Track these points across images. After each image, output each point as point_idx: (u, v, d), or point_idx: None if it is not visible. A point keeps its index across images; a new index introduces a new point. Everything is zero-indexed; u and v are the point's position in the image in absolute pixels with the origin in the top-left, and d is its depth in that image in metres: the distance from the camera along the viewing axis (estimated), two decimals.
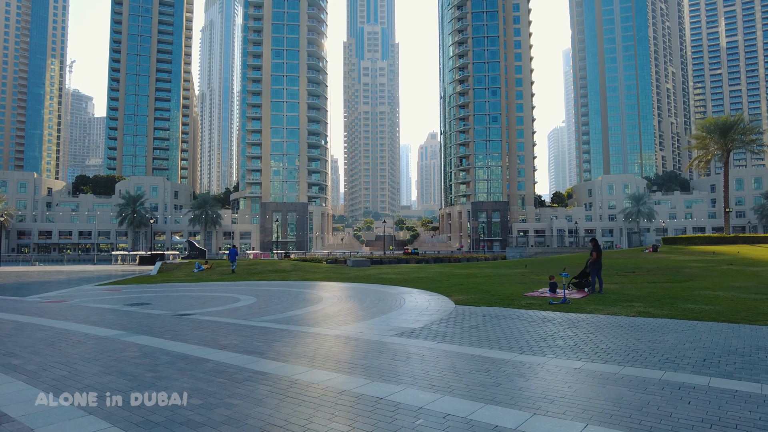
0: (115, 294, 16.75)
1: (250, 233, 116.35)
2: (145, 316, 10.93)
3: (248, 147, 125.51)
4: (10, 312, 11.70)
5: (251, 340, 8.02)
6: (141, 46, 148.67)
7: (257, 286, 19.76)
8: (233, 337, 8.33)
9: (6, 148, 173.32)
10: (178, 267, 31.80)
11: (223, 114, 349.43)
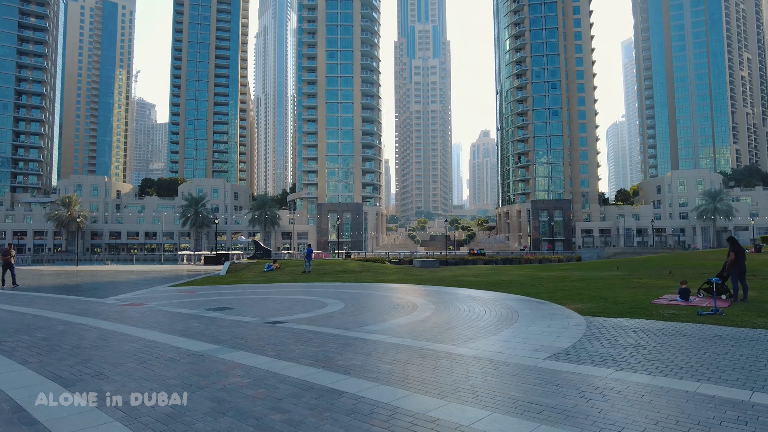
0: (192, 296, 15.88)
1: (307, 233, 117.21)
2: (234, 324, 9.70)
3: (304, 149, 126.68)
4: (92, 316, 10.84)
5: (373, 360, 6.51)
6: (200, 53, 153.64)
7: (334, 288, 18.48)
8: (348, 355, 6.86)
9: (81, 154, 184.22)
10: (247, 267, 31.27)
11: (278, 117, 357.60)
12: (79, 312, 11.61)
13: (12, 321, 10.00)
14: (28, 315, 10.96)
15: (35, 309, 12.10)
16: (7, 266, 19.79)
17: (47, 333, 8.55)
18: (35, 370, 5.87)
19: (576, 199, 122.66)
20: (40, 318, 10.50)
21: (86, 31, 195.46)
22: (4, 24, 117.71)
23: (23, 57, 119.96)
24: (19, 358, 6.54)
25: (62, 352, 6.90)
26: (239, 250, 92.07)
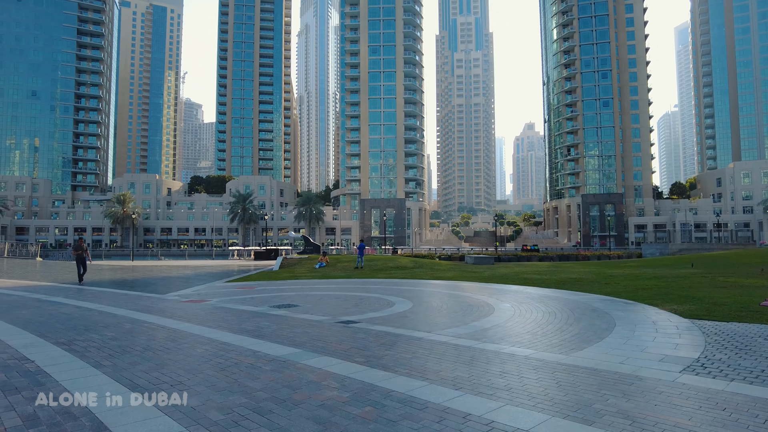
0: (252, 293, 15.48)
1: (350, 229, 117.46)
2: (306, 324, 9.05)
3: (347, 145, 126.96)
4: (156, 314, 10.48)
5: (479, 372, 5.65)
6: (245, 53, 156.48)
7: (394, 285, 17.72)
8: (447, 364, 6.03)
9: (133, 153, 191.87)
10: (299, 262, 31.01)
11: (320, 115, 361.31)
12: (142, 309, 11.30)
13: (81, 318, 9.73)
14: (95, 312, 10.71)
15: (100, 305, 11.90)
16: (81, 261, 19.39)
17: (116, 332, 8.15)
18: (110, 375, 5.34)
19: (628, 193, 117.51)
20: (106, 315, 10.20)
21: (138, 35, 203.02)
22: (65, 32, 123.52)
23: (82, 62, 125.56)
24: (92, 360, 6.05)
25: (134, 355, 6.38)
26: (286, 245, 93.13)
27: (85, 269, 19.21)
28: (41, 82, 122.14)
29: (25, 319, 9.43)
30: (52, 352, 6.48)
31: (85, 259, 19.26)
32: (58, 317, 9.79)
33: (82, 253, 19.10)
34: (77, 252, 19.17)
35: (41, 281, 19.66)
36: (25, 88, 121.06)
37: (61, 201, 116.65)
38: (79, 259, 19.22)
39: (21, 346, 6.89)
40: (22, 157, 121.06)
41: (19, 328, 8.35)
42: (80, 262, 19.18)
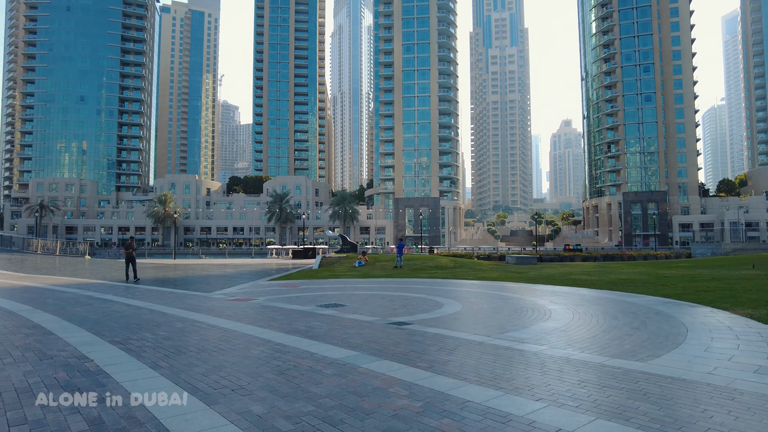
0: (296, 291, 15.37)
1: (384, 228, 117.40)
2: (357, 325, 8.78)
3: (381, 144, 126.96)
4: (205, 312, 10.43)
5: (553, 381, 5.22)
6: (280, 54, 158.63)
7: (438, 285, 17.32)
8: (518, 371, 5.62)
9: (173, 155, 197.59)
10: (338, 261, 30.98)
11: (353, 115, 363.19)
12: (191, 307, 11.30)
13: (132, 316, 9.76)
14: (144, 310, 10.76)
15: (150, 303, 11.99)
16: (130, 260, 19.56)
17: (168, 331, 8.07)
18: (169, 377, 5.18)
19: (672, 191, 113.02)
20: (156, 313, 10.22)
21: (177, 39, 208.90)
22: (110, 39, 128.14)
23: (125, 67, 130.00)
24: (149, 360, 5.94)
25: (190, 356, 6.24)
26: (321, 244, 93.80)
27: (135, 268, 19.40)
28: (88, 88, 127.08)
29: (80, 317, 9.52)
30: (109, 351, 6.42)
31: (134, 258, 19.61)
32: (110, 315, 9.85)
33: (132, 251, 19.42)
34: (128, 251, 19.44)
35: (91, 279, 20.16)
36: (74, 93, 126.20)
37: (106, 201, 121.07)
38: (129, 257, 19.46)
39: (79, 344, 6.86)
40: (70, 159, 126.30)
41: (76, 326, 8.40)
42: (130, 261, 19.43)
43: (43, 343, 6.95)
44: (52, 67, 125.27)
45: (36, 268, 26.01)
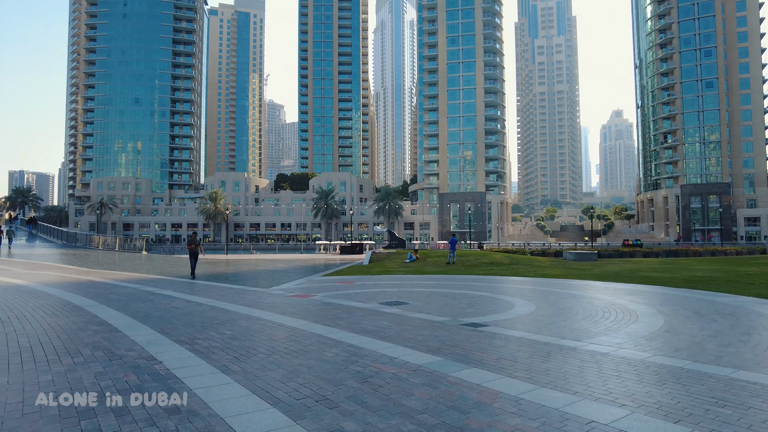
0: (353, 288, 14.94)
1: (428, 224, 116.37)
2: (428, 326, 8.18)
3: (425, 138, 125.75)
4: (267, 309, 10.10)
5: (683, 398, 4.44)
6: (324, 52, 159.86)
7: (499, 283, 16.50)
8: (632, 384, 4.85)
9: (222, 153, 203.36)
10: (388, 257, 30.52)
11: (396, 110, 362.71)
12: (252, 304, 11.02)
13: (195, 313, 9.54)
14: (206, 306, 10.56)
15: (210, 299, 11.82)
16: (193, 255, 18.97)
17: (234, 329, 7.74)
18: (244, 384, 4.74)
19: (737, 182, 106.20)
20: (218, 310, 9.97)
21: (224, 40, 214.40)
22: (162, 42, 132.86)
23: (176, 69, 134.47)
24: (219, 363, 5.55)
25: (261, 358, 5.82)
26: (366, 239, 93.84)
27: (193, 264, 19.09)
28: (142, 90, 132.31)
29: (144, 313, 9.39)
30: (177, 353, 6.09)
31: (197, 254, 19.26)
32: (173, 312, 9.69)
33: (195, 247, 19.04)
34: (191, 246, 19.06)
35: (149, 274, 20.51)
36: (129, 96, 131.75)
37: (160, 199, 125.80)
38: (192, 253, 19.07)
39: (146, 343, 6.60)
40: (127, 159, 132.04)
41: (140, 323, 8.22)
42: (193, 256, 19.09)
43: (111, 341, 6.74)
44: (110, 71, 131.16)
45: (98, 263, 26.88)
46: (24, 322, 8.21)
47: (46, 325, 7.90)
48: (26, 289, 13.71)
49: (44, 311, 9.56)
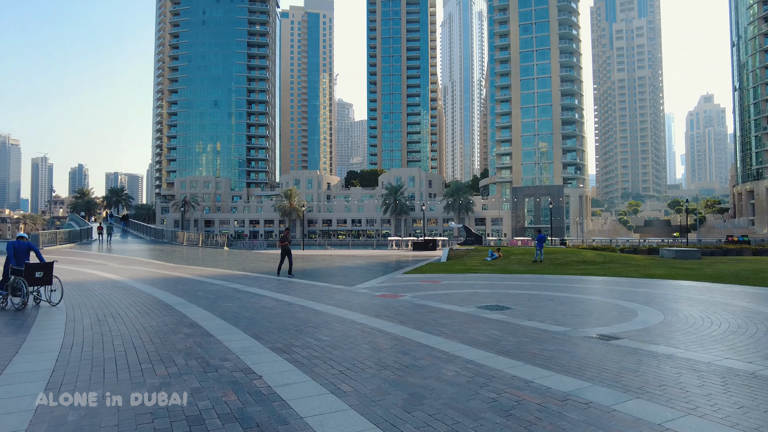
0: (441, 288, 13.98)
1: (501, 219, 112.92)
2: (549, 338, 7.05)
3: (497, 131, 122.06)
4: (359, 311, 9.39)
5: None
6: (392, 48, 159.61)
7: (602, 285, 14.88)
8: None
9: (295, 152, 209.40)
10: (467, 254, 29.27)
11: (464, 104, 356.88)
12: (341, 304, 10.38)
13: (285, 314, 9.00)
14: (295, 306, 10.03)
15: (297, 298, 11.33)
16: (286, 253, 17.30)
17: (331, 335, 7.04)
18: (362, 412, 3.94)
19: None
20: (309, 311, 9.38)
21: (295, 42, 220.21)
22: (237, 46, 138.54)
23: (252, 71, 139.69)
24: (325, 380, 4.81)
25: (371, 375, 5.02)
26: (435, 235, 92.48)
27: (291, 261, 17.37)
28: (220, 93, 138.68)
29: (233, 313, 8.99)
30: (275, 364, 5.44)
31: (290, 251, 17.59)
32: (262, 312, 9.22)
33: (288, 244, 17.43)
34: (283, 243, 17.40)
35: (233, 270, 20.68)
36: (208, 99, 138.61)
37: (238, 197, 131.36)
38: (284, 251, 17.39)
39: (241, 350, 6.03)
40: (207, 159, 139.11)
41: (231, 325, 7.76)
42: (286, 254, 17.38)
43: (204, 347, 6.24)
44: (191, 76, 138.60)
45: (183, 259, 27.81)
46: (118, 322, 8.01)
47: (139, 326, 7.63)
48: (120, 284, 13.99)
49: (136, 309, 9.43)
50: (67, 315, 8.62)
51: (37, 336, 6.81)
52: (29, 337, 6.76)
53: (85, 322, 7.89)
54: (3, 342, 6.47)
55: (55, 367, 5.24)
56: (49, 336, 6.80)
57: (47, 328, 7.39)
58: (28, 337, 6.76)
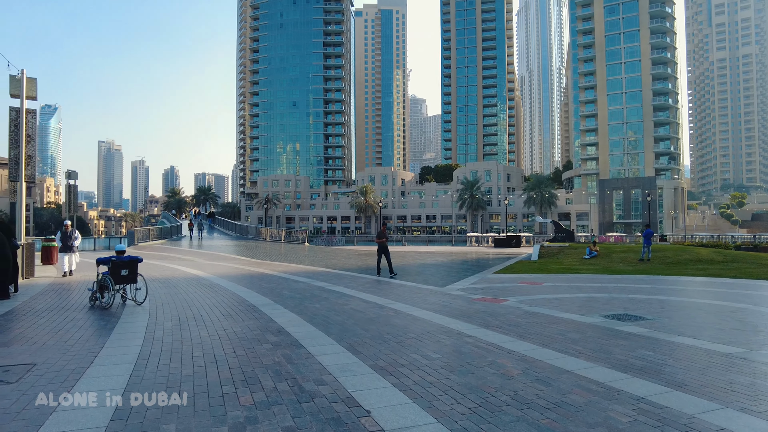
0: (546, 291, 12.36)
1: (587, 214, 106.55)
2: (729, 365, 5.38)
3: (581, 120, 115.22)
4: (462, 319, 8.10)
5: None
6: (467, 39, 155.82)
7: (744, 289, 12.51)
8: None
9: (370, 149, 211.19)
10: (560, 251, 26.94)
11: (543, 93, 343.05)
12: (439, 309, 9.15)
13: (379, 320, 7.92)
14: (388, 310, 8.95)
15: (387, 299, 10.27)
16: (383, 251, 15.19)
17: (441, 352, 5.83)
18: None
19: None
20: (405, 317, 8.25)
21: (369, 39, 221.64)
22: (314, 47, 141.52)
23: (328, 71, 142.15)
24: (456, 426, 3.59)
25: (515, 419, 3.73)
26: (513, 231, 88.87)
27: (389, 260, 15.23)
28: (298, 94, 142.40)
29: (322, 317, 8.06)
30: (384, 393, 4.30)
31: (388, 248, 15.46)
32: (353, 316, 8.22)
33: (385, 240, 15.34)
34: (381, 240, 15.31)
35: (315, 266, 20.14)
36: (287, 100, 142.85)
37: (316, 194, 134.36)
38: (381, 248, 15.23)
39: (337, 369, 4.98)
40: (287, 158, 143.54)
41: (321, 332, 6.80)
42: (383, 252, 15.22)
43: (294, 363, 5.26)
44: (270, 78, 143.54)
45: (266, 254, 27.94)
46: (200, 326, 7.33)
47: (222, 332, 6.87)
48: (205, 282, 13.72)
49: (220, 311, 8.79)
50: (149, 316, 8.12)
51: (116, 342, 6.22)
52: (108, 343, 6.18)
53: (166, 326, 7.28)
54: (82, 349, 5.91)
55: (127, 386, 4.47)
56: (127, 342, 6.18)
57: (127, 332, 6.83)
58: (107, 342, 6.18)
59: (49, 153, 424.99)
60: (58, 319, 7.86)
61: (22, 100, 14.79)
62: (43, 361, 5.27)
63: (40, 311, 8.62)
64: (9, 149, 14.76)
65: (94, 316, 8.18)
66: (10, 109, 14.80)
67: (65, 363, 5.22)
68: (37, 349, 5.84)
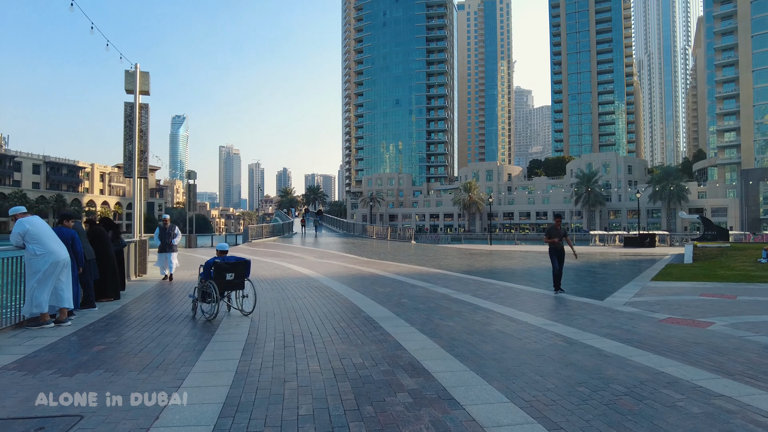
0: (753, 308, 9.18)
1: (725, 209, 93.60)
2: None
3: (717, 102, 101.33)
4: (662, 354, 5.54)
5: None
6: (579, 23, 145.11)
7: None
8: None
9: (473, 144, 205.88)
10: (722, 253, 22.32)
11: (665, 77, 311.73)
12: (622, 337, 6.61)
13: (553, 356, 5.61)
14: (553, 336, 6.62)
15: (540, 318, 7.94)
16: (558, 254, 11.48)
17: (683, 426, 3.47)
18: None
19: None
20: (585, 349, 5.87)
21: (472, 32, 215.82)
22: (417, 42, 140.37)
23: (430, 67, 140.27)
24: None
25: None
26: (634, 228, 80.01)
27: (560, 269, 11.38)
28: (401, 92, 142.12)
29: (465, 345, 5.95)
30: None
31: (564, 252, 11.63)
32: (508, 344, 6.03)
33: (558, 242, 11.44)
34: (553, 240, 11.39)
35: (428, 267, 18.19)
36: (390, 98, 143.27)
37: (418, 192, 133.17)
38: (555, 250, 11.44)
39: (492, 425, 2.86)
40: (390, 157, 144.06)
41: (474, 373, 4.71)
42: (556, 255, 11.43)
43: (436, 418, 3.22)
44: (374, 78, 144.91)
45: (374, 252, 26.64)
46: (309, 351, 5.61)
47: (337, 363, 5.06)
48: (315, 283, 12.36)
49: (332, 325, 7.09)
50: (249, 333, 6.62)
51: (197, 380, 4.57)
52: (190, 376, 4.62)
53: (266, 350, 5.65)
54: (157, 383, 4.40)
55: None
56: (211, 381, 4.53)
57: (217, 360, 5.27)
58: (185, 381, 4.54)
59: (179, 159, 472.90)
60: (145, 333, 6.62)
61: (136, 94, 14.55)
62: (95, 411, 3.76)
63: (131, 321, 7.55)
64: (124, 145, 14.60)
65: (185, 331, 6.84)
66: (125, 104, 14.65)
67: (122, 416, 3.66)
68: (102, 382, 4.43)
